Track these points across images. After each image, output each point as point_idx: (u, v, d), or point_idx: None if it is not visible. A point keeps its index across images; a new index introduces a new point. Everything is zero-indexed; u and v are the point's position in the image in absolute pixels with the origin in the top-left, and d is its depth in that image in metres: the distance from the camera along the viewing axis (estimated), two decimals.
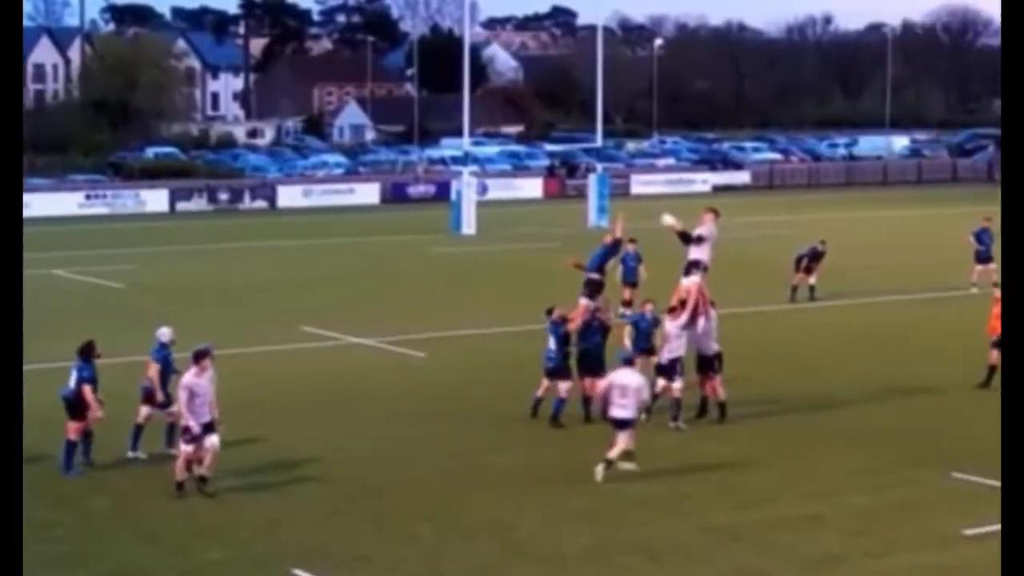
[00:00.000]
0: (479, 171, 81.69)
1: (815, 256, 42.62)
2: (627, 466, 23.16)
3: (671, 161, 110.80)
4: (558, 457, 24.69)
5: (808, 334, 37.55)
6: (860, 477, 23.53)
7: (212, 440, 22.10)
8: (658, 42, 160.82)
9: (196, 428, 22.01)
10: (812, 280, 42.34)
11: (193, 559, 19.66)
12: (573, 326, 27.17)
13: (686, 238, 27.50)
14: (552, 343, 26.97)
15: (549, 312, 27.31)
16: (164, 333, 24.49)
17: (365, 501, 22.29)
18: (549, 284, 46.70)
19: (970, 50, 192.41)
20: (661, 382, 26.65)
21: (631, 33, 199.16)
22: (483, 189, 76.05)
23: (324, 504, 22.03)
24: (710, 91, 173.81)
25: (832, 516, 21.50)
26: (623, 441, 23.08)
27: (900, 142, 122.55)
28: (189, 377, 22.14)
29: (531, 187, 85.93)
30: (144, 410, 24.29)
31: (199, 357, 22.33)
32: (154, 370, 24.20)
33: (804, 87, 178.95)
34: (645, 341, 27.74)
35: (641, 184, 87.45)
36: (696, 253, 27.32)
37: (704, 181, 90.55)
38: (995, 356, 29.82)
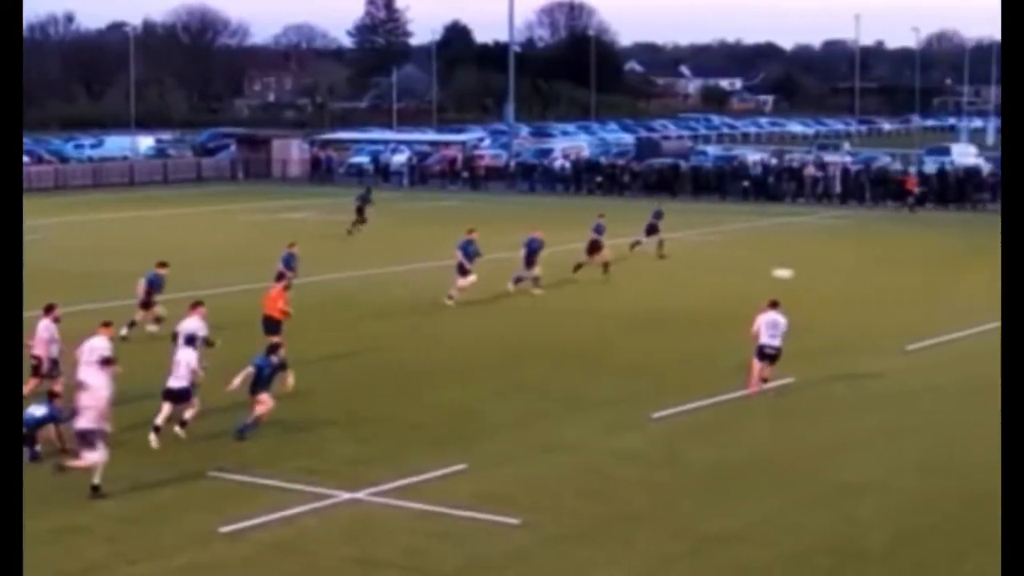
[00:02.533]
0: None
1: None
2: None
3: None
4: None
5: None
6: (120, 483, 23.50)
7: None
8: None
9: None
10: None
11: None
12: None
13: None
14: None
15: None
16: None
17: None
18: None
19: (210, 50, 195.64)
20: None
21: None
22: None
23: None
24: None
25: (93, 525, 21.67)
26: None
27: (146, 142, 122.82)
28: None
29: None
30: None
31: None
32: None
33: (49, 87, 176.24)
34: None
35: None
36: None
37: None
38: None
